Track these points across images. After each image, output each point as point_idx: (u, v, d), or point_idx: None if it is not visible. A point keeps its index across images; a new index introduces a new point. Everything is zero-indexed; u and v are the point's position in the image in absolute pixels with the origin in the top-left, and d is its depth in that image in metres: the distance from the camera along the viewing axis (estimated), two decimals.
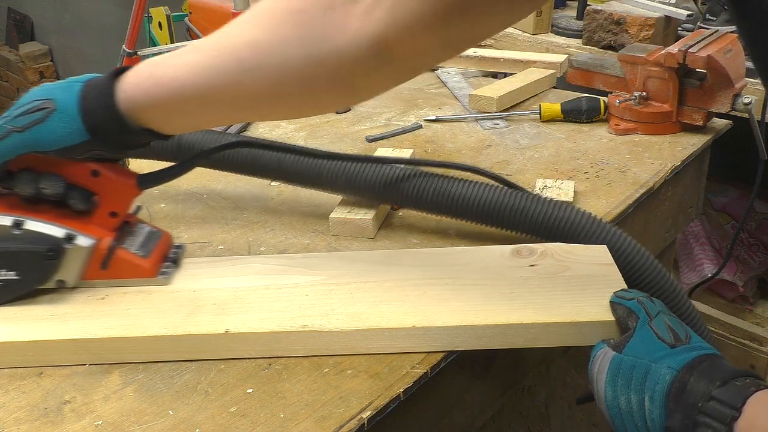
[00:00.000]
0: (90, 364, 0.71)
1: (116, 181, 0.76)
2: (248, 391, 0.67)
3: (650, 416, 0.57)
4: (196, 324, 0.72)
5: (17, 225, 0.73)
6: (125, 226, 0.79)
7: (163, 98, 0.67)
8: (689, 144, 1.19)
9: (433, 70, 1.61)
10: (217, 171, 1.14)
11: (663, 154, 1.15)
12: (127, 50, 1.43)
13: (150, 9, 3.07)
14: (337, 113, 1.38)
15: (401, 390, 0.67)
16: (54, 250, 0.73)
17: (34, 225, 0.73)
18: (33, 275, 0.74)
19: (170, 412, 0.65)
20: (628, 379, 0.60)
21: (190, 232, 0.96)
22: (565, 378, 1.06)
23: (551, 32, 1.98)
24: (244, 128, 1.31)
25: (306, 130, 1.30)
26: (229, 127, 1.29)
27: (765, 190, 1.61)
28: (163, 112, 0.69)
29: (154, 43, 3.13)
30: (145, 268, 0.78)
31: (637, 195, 1.02)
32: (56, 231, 0.73)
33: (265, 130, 1.31)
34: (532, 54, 1.60)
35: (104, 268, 0.77)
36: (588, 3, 1.92)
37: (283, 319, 0.72)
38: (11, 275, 0.73)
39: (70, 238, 0.74)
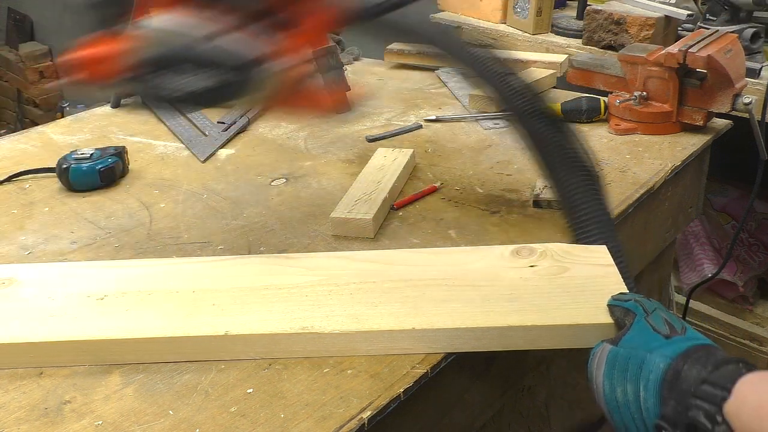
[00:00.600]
0: (90, 365, 0.71)
1: (320, 9, 0.73)
2: (248, 391, 0.67)
3: (645, 405, 0.57)
4: (195, 325, 0.72)
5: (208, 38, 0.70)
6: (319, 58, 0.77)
7: None
8: (689, 144, 1.19)
9: (433, 70, 1.61)
10: (216, 171, 1.14)
11: (663, 154, 1.15)
12: None
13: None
14: (337, 113, 1.38)
15: (401, 390, 0.67)
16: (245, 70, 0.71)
17: (228, 39, 0.71)
18: (233, 86, 0.72)
19: (170, 412, 0.65)
20: (623, 370, 0.60)
21: (190, 232, 0.96)
22: (565, 378, 1.06)
23: (551, 32, 1.98)
24: (244, 128, 1.31)
25: (306, 130, 1.30)
26: (231, 125, 1.29)
27: (765, 190, 1.61)
28: None
29: None
30: (328, 104, 0.76)
31: (638, 195, 1.02)
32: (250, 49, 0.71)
33: (265, 129, 1.31)
34: (532, 54, 1.60)
35: (289, 95, 0.74)
36: (588, 3, 1.92)
37: (282, 321, 0.72)
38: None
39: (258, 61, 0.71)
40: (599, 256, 0.79)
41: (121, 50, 0.72)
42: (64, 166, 1.07)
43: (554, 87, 1.47)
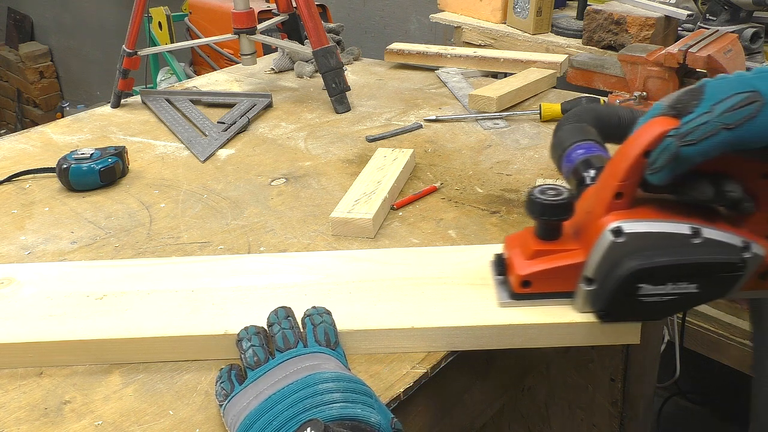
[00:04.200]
0: (89, 365, 0.71)
1: None
2: None
3: None
4: (194, 325, 0.72)
5: (696, 233, 0.66)
6: None
7: None
8: None
9: (433, 70, 1.61)
10: (216, 171, 1.14)
11: None
12: (127, 50, 1.42)
13: (150, 9, 3.08)
14: (337, 113, 1.38)
15: (401, 390, 0.67)
16: (744, 261, 0.66)
17: (711, 233, 0.66)
18: (714, 288, 0.67)
19: (170, 412, 0.65)
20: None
21: (190, 232, 0.96)
22: (565, 378, 1.06)
23: (551, 32, 1.98)
24: (244, 128, 1.31)
25: (306, 130, 1.30)
26: (231, 125, 1.29)
27: None
28: None
29: (154, 43, 3.14)
30: None
31: None
32: (734, 239, 0.66)
33: (265, 129, 1.31)
34: (532, 54, 1.60)
35: (764, 279, 0.69)
36: (588, 3, 1.92)
37: None
38: (691, 288, 0.66)
39: (746, 247, 0.66)
40: None
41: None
42: (64, 166, 1.07)
43: (554, 87, 1.47)
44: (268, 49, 1.94)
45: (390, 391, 0.66)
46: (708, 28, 1.69)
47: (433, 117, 1.32)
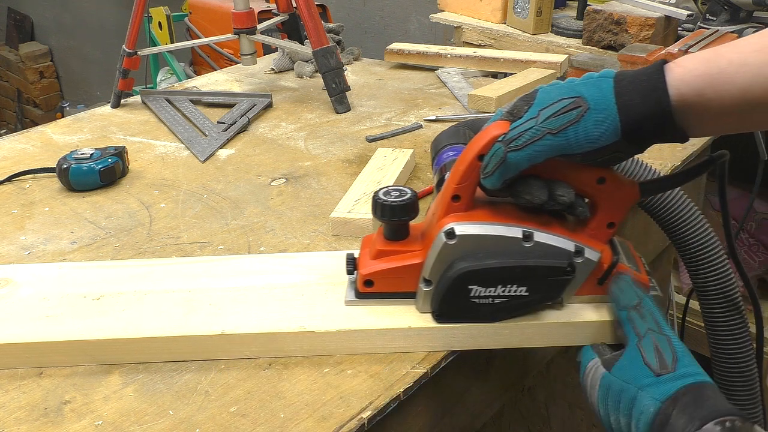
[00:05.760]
0: (89, 365, 0.71)
1: (620, 188, 0.67)
2: (248, 391, 0.67)
3: None
4: (191, 325, 0.72)
5: (527, 237, 0.67)
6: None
7: (715, 100, 0.60)
8: (689, 144, 1.19)
9: (433, 70, 1.61)
10: (216, 171, 1.14)
11: (663, 154, 1.15)
12: (127, 50, 1.42)
13: (150, 9, 3.08)
14: (337, 113, 1.38)
15: (401, 390, 0.67)
16: (572, 265, 0.67)
17: (544, 237, 0.67)
18: (543, 292, 0.69)
19: (170, 412, 0.65)
20: (617, 401, 0.61)
21: (190, 232, 0.96)
22: (565, 378, 1.06)
23: (551, 32, 1.98)
24: (244, 128, 1.31)
25: (306, 130, 1.30)
26: (231, 125, 1.29)
27: (765, 190, 1.61)
28: (708, 114, 0.61)
29: (154, 43, 3.14)
30: (643, 283, 0.70)
31: None
32: (566, 244, 0.67)
33: (265, 129, 1.31)
34: (532, 54, 1.60)
35: (600, 284, 0.70)
36: (588, 3, 1.92)
37: (279, 320, 0.72)
38: (521, 291, 0.68)
39: (579, 252, 0.67)
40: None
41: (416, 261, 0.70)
42: (64, 166, 1.07)
43: None
44: (268, 49, 1.94)
45: (390, 391, 0.66)
46: (708, 28, 1.69)
47: (433, 117, 1.32)
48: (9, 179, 1.12)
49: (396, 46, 1.67)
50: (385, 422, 0.66)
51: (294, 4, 1.53)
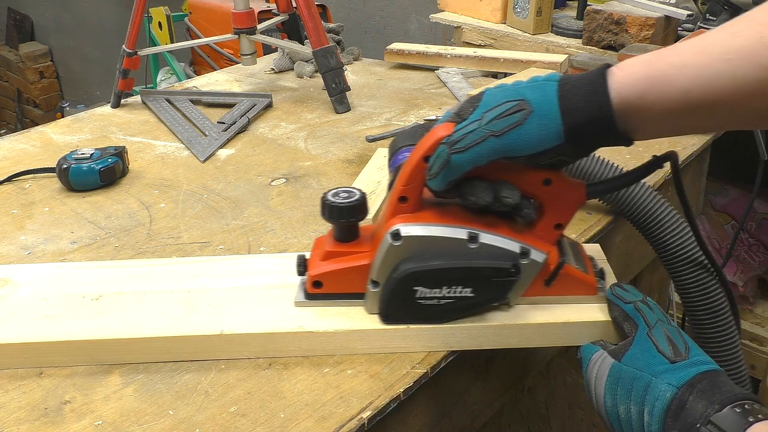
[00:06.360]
0: (89, 365, 0.71)
1: (567, 190, 0.68)
2: (248, 391, 0.67)
3: (648, 428, 0.58)
4: (190, 325, 0.72)
5: (473, 238, 0.67)
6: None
7: (657, 103, 0.60)
8: (689, 144, 1.19)
9: (433, 70, 1.61)
10: (216, 171, 1.14)
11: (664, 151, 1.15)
12: (127, 50, 1.42)
13: (150, 9, 3.08)
14: (337, 113, 1.38)
15: (401, 390, 0.67)
16: (517, 267, 0.67)
17: (489, 239, 0.67)
18: (488, 293, 0.69)
19: (170, 412, 0.65)
20: (628, 390, 0.60)
21: (190, 232, 0.96)
22: (565, 378, 1.06)
23: (551, 32, 1.98)
24: (244, 128, 1.31)
25: (306, 130, 1.30)
26: (231, 125, 1.29)
27: (765, 190, 1.61)
28: (650, 117, 0.62)
29: (154, 43, 3.14)
30: (589, 284, 0.71)
31: None
32: (512, 245, 0.67)
33: (265, 129, 1.31)
34: (532, 54, 1.60)
35: (548, 285, 0.71)
36: (588, 3, 1.92)
37: (278, 320, 0.72)
38: (467, 292, 0.68)
39: (524, 253, 0.67)
40: (593, 253, 0.79)
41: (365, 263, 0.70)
42: (64, 166, 1.07)
43: None
44: (268, 49, 1.94)
45: (390, 391, 0.66)
46: (708, 28, 1.69)
47: (433, 117, 1.32)
48: (9, 179, 1.12)
49: (396, 46, 1.67)
50: (385, 422, 0.66)
51: (294, 4, 1.53)
